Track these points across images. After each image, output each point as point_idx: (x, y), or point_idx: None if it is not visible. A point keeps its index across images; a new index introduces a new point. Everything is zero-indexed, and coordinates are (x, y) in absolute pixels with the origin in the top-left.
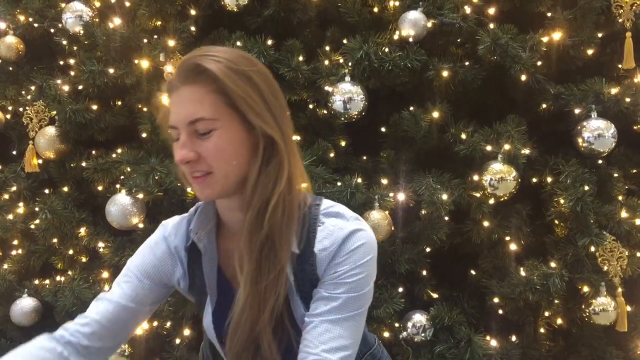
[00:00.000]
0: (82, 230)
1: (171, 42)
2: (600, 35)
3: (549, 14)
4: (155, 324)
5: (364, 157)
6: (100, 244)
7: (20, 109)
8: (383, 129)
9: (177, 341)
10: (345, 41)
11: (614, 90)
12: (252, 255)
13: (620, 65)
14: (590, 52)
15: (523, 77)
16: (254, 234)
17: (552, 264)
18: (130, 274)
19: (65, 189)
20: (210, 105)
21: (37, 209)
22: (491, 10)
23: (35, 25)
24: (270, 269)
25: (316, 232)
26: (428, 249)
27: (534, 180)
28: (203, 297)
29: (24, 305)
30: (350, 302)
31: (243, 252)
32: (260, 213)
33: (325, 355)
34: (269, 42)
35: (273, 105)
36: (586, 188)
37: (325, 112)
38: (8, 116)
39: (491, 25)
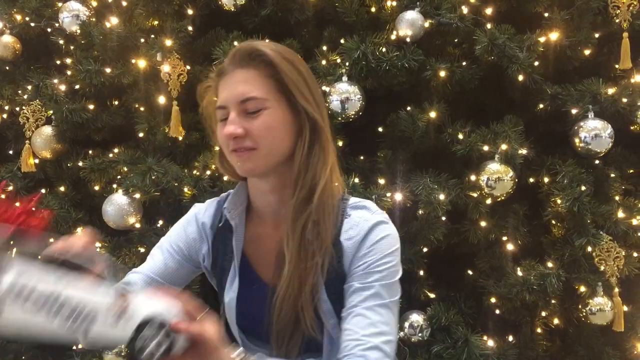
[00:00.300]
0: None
1: (168, 42)
2: (597, 35)
3: (546, 14)
4: None
5: (361, 157)
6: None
7: (17, 109)
8: (380, 129)
9: None
10: (342, 41)
11: (611, 91)
12: (295, 234)
13: (617, 66)
14: (587, 52)
15: (520, 77)
16: (299, 213)
17: (549, 264)
18: (162, 248)
19: (62, 188)
20: (261, 87)
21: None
22: (488, 11)
23: (32, 24)
24: (313, 248)
25: (343, 223)
26: (425, 249)
27: (531, 180)
28: (224, 276)
29: None
30: (383, 290)
31: (288, 230)
32: (309, 193)
33: (367, 339)
34: (266, 41)
35: (316, 93)
36: (583, 188)
37: None
38: (4, 116)
39: (488, 26)
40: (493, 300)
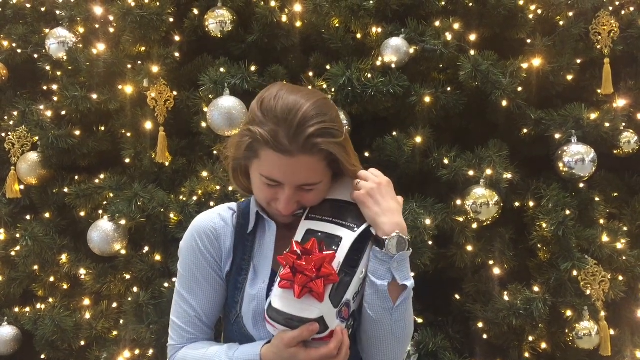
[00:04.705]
0: (64, 257)
1: (155, 68)
2: (579, 61)
3: (528, 41)
4: (137, 352)
5: None
6: (82, 271)
7: (3, 135)
8: (366, 154)
9: None
10: (328, 67)
11: (593, 116)
12: None
13: (599, 91)
14: (569, 77)
15: (504, 103)
16: None
17: (535, 288)
18: (193, 286)
19: (47, 215)
20: (321, 172)
21: (18, 235)
22: (472, 37)
23: (19, 50)
24: None
25: None
26: (412, 274)
27: (516, 204)
28: (241, 276)
29: (4, 333)
30: None
31: None
32: None
33: None
34: (253, 68)
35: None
36: (567, 212)
37: None
38: None
39: (472, 52)
40: (480, 325)
